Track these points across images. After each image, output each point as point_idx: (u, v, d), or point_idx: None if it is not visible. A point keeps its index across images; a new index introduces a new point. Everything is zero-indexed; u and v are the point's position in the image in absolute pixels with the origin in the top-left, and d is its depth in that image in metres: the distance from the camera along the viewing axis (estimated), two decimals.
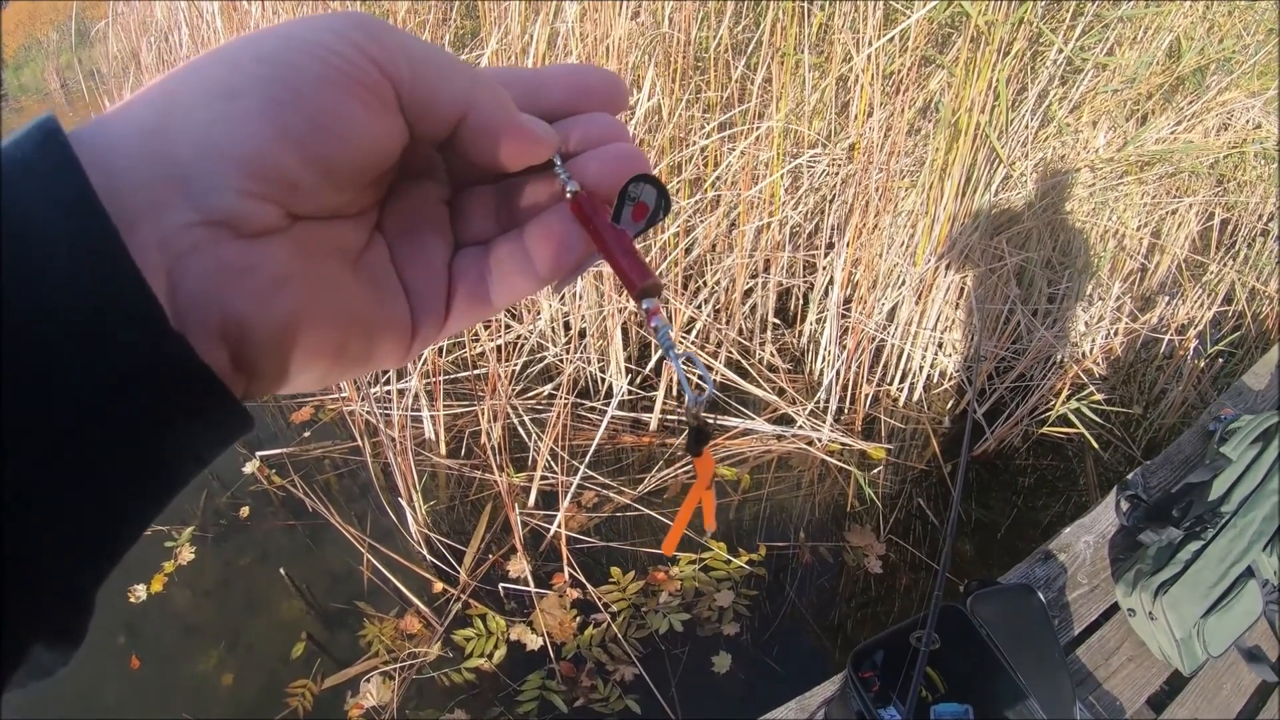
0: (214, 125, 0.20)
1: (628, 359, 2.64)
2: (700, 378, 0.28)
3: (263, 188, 0.21)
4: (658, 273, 2.42)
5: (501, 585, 2.13)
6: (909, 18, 2.09)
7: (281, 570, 2.22)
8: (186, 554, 2.34)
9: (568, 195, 0.27)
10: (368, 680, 1.95)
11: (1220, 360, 2.86)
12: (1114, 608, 1.72)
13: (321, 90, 0.21)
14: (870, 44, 2.17)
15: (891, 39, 2.18)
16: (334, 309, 0.24)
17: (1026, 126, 2.32)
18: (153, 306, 0.19)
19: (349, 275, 0.25)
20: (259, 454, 2.57)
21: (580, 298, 2.47)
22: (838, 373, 2.56)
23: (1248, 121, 2.42)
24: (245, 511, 2.46)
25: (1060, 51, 2.17)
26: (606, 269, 0.25)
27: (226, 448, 0.22)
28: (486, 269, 0.28)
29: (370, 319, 0.25)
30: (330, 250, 0.24)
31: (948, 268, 2.41)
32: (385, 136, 0.23)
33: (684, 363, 0.28)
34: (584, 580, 2.11)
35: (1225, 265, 2.75)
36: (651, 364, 2.65)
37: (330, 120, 0.22)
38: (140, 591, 2.22)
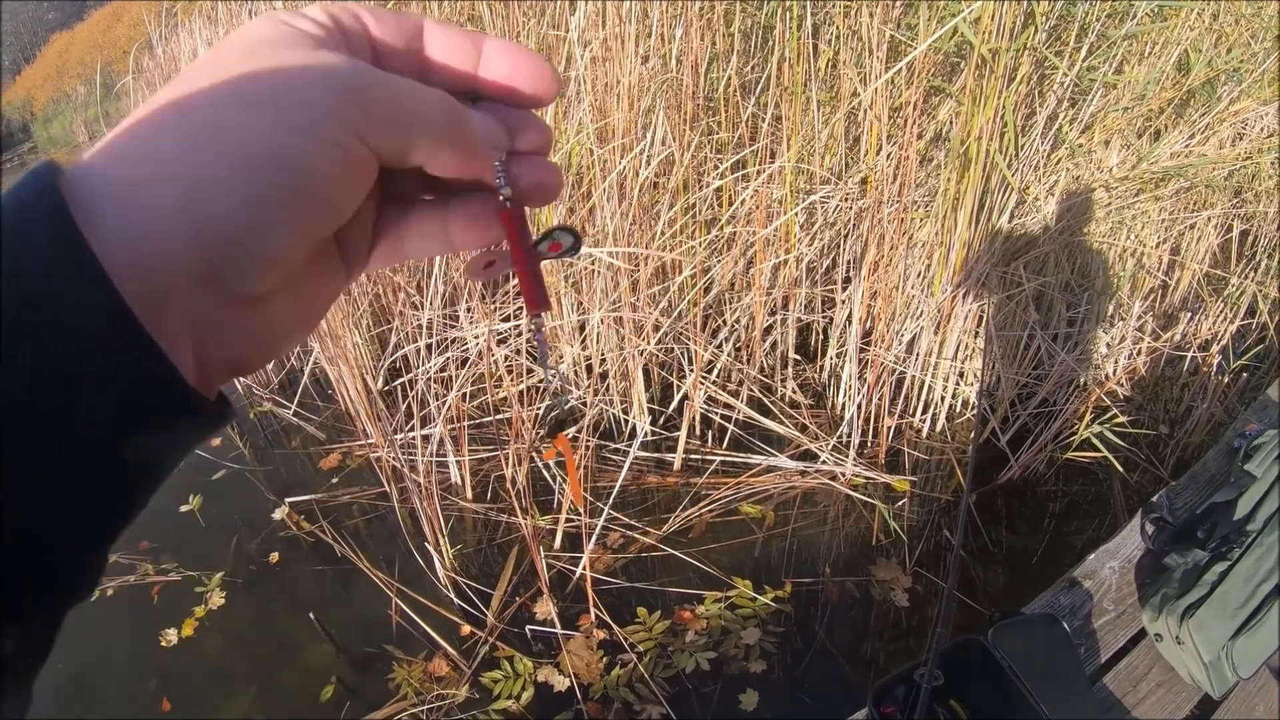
0: (251, 235, 0.23)
1: (650, 400, 2.66)
2: (563, 385, 0.31)
3: (279, 272, 0.24)
4: (675, 313, 2.44)
5: (528, 627, 2.13)
6: (914, 49, 2.11)
7: (311, 615, 2.24)
8: (217, 599, 2.38)
9: (501, 198, 0.30)
10: None
11: (1245, 375, 2.83)
12: (1141, 633, 1.69)
13: (333, 189, 0.24)
14: (877, 77, 2.19)
15: (899, 71, 2.20)
16: (306, 314, 0.28)
17: (1037, 151, 2.32)
18: (185, 391, 0.22)
19: (317, 284, 0.28)
20: (288, 500, 2.61)
21: (600, 340, 2.49)
22: (859, 406, 2.56)
23: (1262, 130, 2.41)
24: (275, 557, 2.50)
25: (1066, 75, 2.17)
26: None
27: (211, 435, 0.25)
28: (404, 225, 0.31)
29: (326, 300, 0.30)
30: (306, 277, 0.27)
31: (965, 296, 2.41)
32: (363, 195, 0.26)
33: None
34: (610, 621, 2.11)
35: (1246, 277, 2.72)
36: (674, 404, 2.66)
37: (334, 207, 0.25)
38: (171, 636, 2.26)
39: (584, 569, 2.14)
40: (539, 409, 2.55)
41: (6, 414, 0.19)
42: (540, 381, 2.61)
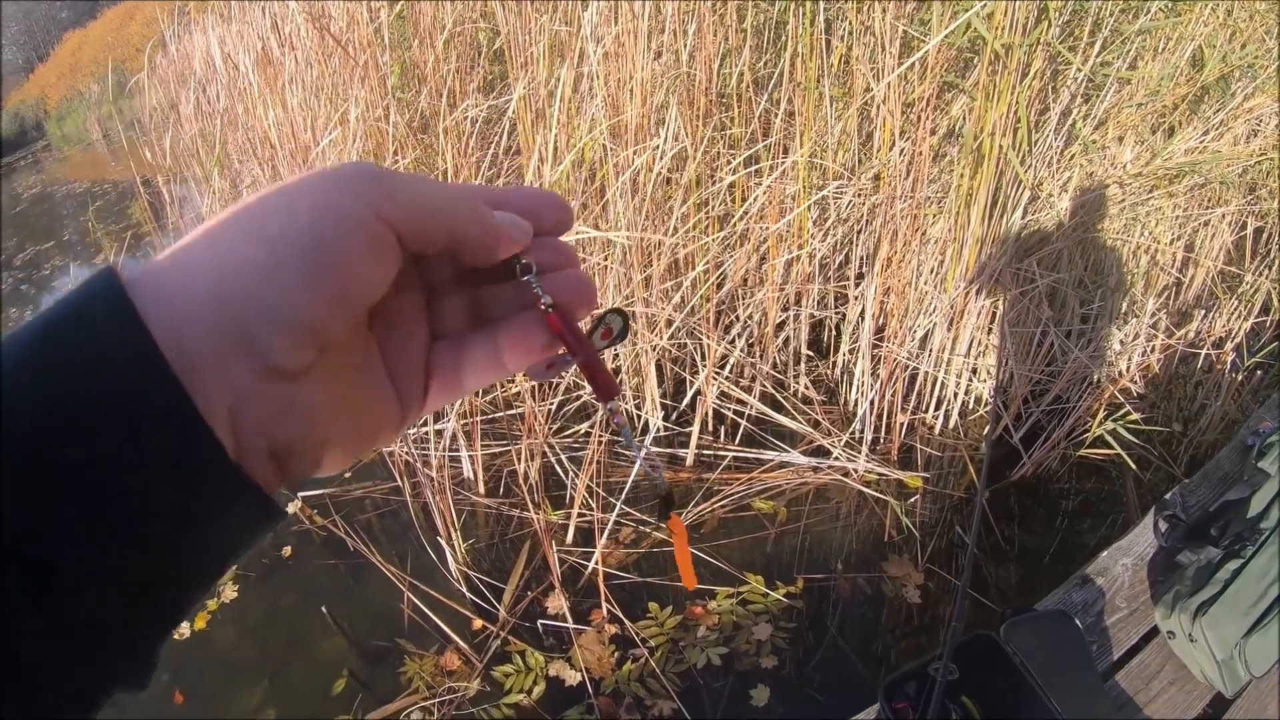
0: (270, 296, 0.25)
1: (662, 395, 2.66)
2: (652, 465, 0.32)
3: (304, 339, 0.25)
4: (688, 308, 2.45)
5: (540, 622, 2.14)
6: (927, 45, 2.11)
7: (323, 608, 2.25)
8: (230, 592, 2.39)
9: (543, 306, 0.32)
10: (408, 716, 1.97)
11: (1259, 372, 2.81)
12: (1154, 631, 1.68)
13: (346, 256, 0.26)
14: (890, 72, 2.18)
15: (911, 66, 2.19)
16: (351, 420, 0.29)
17: (1051, 146, 2.31)
18: (222, 454, 0.23)
19: (359, 387, 0.30)
20: (301, 495, 2.62)
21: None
22: (872, 402, 2.56)
23: (1277, 126, 2.38)
24: (288, 551, 2.51)
25: (1079, 70, 2.16)
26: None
27: (263, 534, 0.27)
28: (460, 360, 0.32)
29: (376, 418, 0.31)
30: (345, 369, 0.29)
31: (978, 293, 2.40)
32: (387, 273, 0.28)
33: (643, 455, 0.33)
34: (622, 616, 2.12)
35: (1261, 275, 2.70)
36: (687, 399, 2.66)
37: (352, 276, 0.26)
38: (184, 628, 2.27)
39: (596, 564, 2.14)
40: (552, 404, 2.56)
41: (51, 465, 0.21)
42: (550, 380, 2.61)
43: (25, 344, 0.22)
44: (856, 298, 2.64)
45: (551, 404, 2.58)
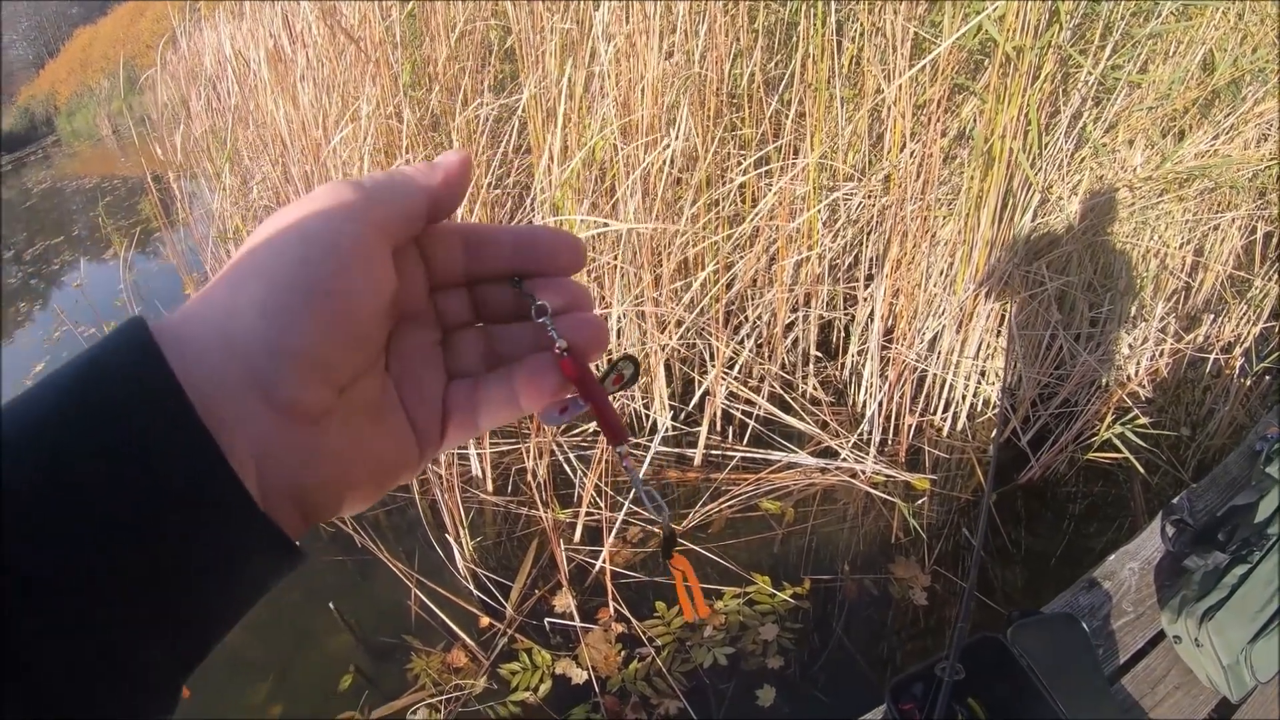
0: (271, 333, 0.25)
1: (671, 395, 2.66)
2: (658, 507, 0.33)
3: (313, 373, 0.26)
4: (697, 309, 2.45)
5: (547, 620, 2.15)
6: (938, 46, 2.11)
7: (330, 604, 2.26)
8: None
9: (557, 350, 0.32)
10: (414, 712, 1.97)
11: (1267, 378, 2.80)
12: (1160, 635, 1.67)
13: (337, 275, 0.26)
14: (901, 74, 2.19)
15: (922, 68, 2.19)
16: (372, 463, 0.30)
17: (1061, 149, 2.31)
18: (251, 504, 0.24)
19: (379, 429, 0.30)
20: None
21: (621, 335, 2.50)
22: (880, 404, 2.56)
23: None
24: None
25: (1090, 73, 2.16)
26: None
27: (286, 576, 0.28)
28: (477, 400, 0.33)
29: (395, 459, 0.31)
30: (364, 411, 0.29)
31: (987, 295, 2.40)
32: (382, 280, 0.28)
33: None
34: (629, 615, 2.12)
35: (1270, 280, 2.70)
36: (695, 399, 2.67)
37: (349, 293, 0.27)
38: None
39: (604, 562, 2.15)
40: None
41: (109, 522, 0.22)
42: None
43: (47, 405, 0.22)
44: (866, 299, 2.64)
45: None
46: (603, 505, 2.24)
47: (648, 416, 2.68)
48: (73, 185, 11.66)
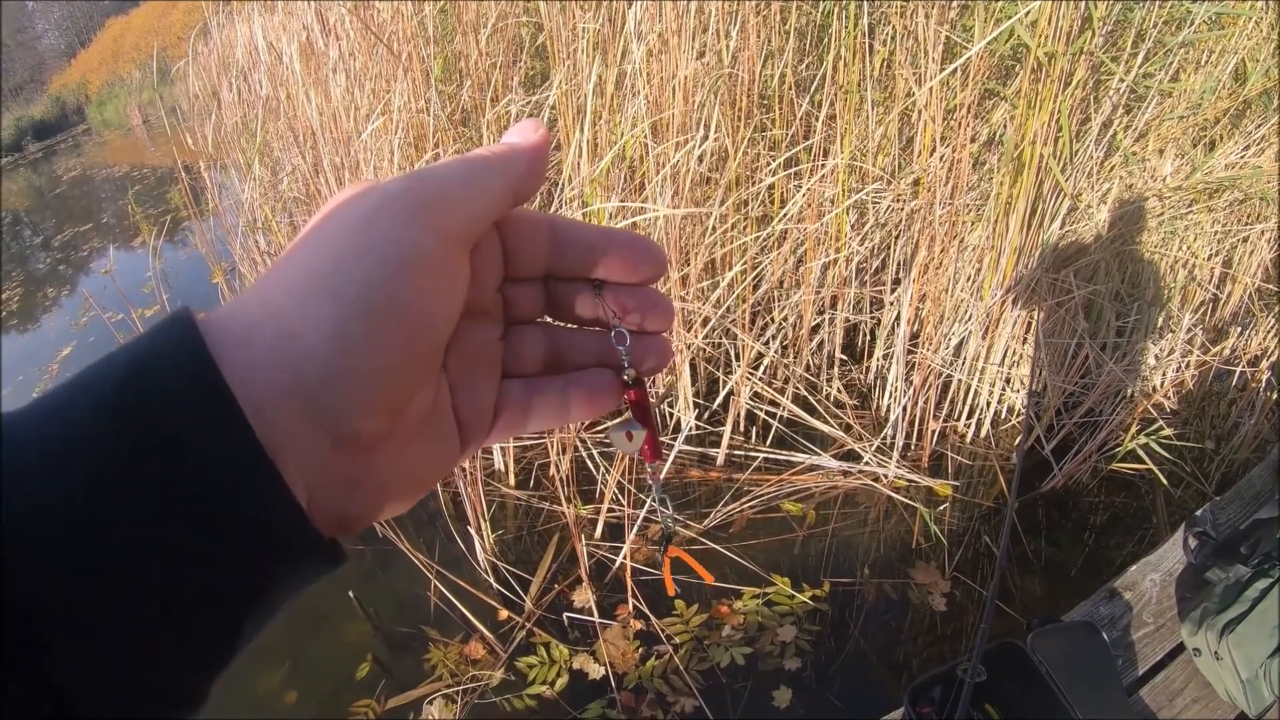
0: (334, 355, 0.24)
1: (695, 394, 2.66)
2: (673, 517, 0.34)
3: (381, 402, 0.25)
4: (724, 308, 2.45)
5: (566, 615, 2.16)
6: (970, 51, 2.10)
7: (350, 593, 2.28)
8: None
9: (625, 378, 0.32)
10: (430, 703, 1.99)
11: None
12: (1180, 648, 1.66)
13: (410, 297, 0.25)
14: (932, 77, 2.18)
15: (953, 72, 2.19)
16: (415, 480, 0.28)
17: (1091, 157, 2.30)
18: (304, 520, 0.23)
19: (426, 448, 0.28)
20: None
21: None
22: (904, 409, 2.55)
23: None
24: None
25: (1122, 81, 2.15)
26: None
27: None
28: (530, 402, 0.31)
29: (438, 470, 0.29)
30: (416, 427, 0.28)
31: (1014, 302, 2.39)
32: (455, 296, 0.27)
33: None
34: (648, 612, 2.13)
35: None
36: (720, 399, 2.67)
37: (421, 316, 0.25)
38: None
39: (624, 559, 2.15)
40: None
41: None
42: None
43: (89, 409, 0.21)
44: (892, 303, 2.63)
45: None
46: (625, 502, 2.25)
47: (672, 415, 2.68)
48: (102, 173, 11.80)
